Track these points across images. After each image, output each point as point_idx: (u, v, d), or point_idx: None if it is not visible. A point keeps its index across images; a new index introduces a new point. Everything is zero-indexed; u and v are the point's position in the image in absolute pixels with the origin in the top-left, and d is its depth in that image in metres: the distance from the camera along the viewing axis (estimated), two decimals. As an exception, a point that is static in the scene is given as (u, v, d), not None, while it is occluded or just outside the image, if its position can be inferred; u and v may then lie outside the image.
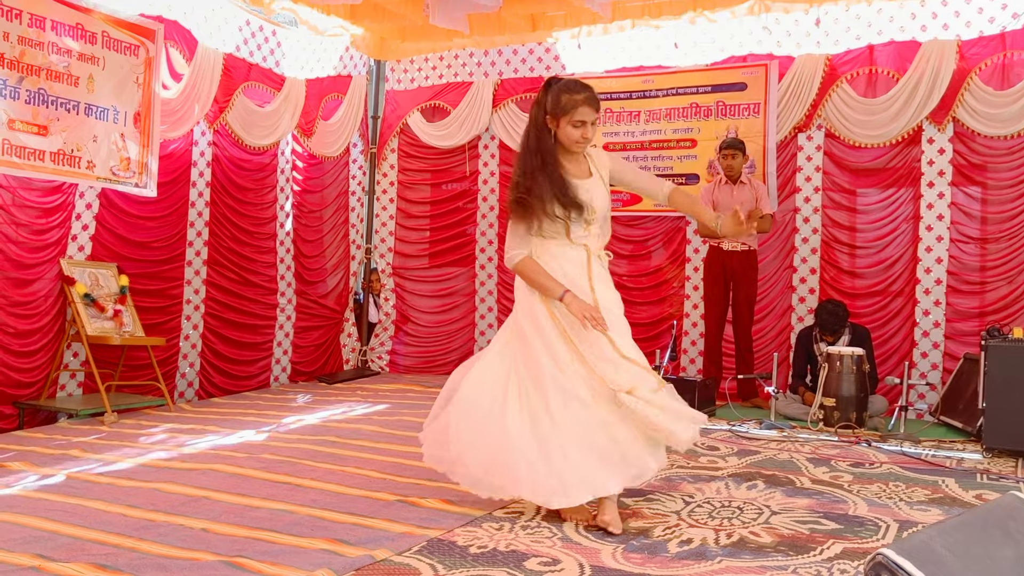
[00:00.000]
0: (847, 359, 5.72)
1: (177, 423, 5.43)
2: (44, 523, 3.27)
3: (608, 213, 3.64)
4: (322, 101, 7.58)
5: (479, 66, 8.04)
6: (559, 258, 3.53)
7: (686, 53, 7.25)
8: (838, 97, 6.70)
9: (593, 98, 3.56)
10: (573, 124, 3.50)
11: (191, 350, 6.58)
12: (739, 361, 6.67)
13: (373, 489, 3.89)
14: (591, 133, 3.55)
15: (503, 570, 2.84)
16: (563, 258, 3.54)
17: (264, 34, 7.06)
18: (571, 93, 3.51)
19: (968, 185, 6.44)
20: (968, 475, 4.41)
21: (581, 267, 3.54)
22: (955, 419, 5.70)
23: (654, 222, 7.45)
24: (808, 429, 5.69)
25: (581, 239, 3.54)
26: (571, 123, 3.49)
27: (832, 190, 6.82)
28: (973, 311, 6.35)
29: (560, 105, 3.49)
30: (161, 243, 6.31)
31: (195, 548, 3.01)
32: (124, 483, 3.93)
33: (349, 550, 3.00)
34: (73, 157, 5.50)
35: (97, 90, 5.65)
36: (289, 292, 7.47)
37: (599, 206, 3.55)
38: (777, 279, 6.99)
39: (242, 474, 4.13)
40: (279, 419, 5.66)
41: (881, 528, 3.40)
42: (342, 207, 8.03)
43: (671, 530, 3.34)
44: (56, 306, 5.58)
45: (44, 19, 5.31)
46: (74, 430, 5.15)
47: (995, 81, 6.25)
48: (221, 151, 6.73)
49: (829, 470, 4.46)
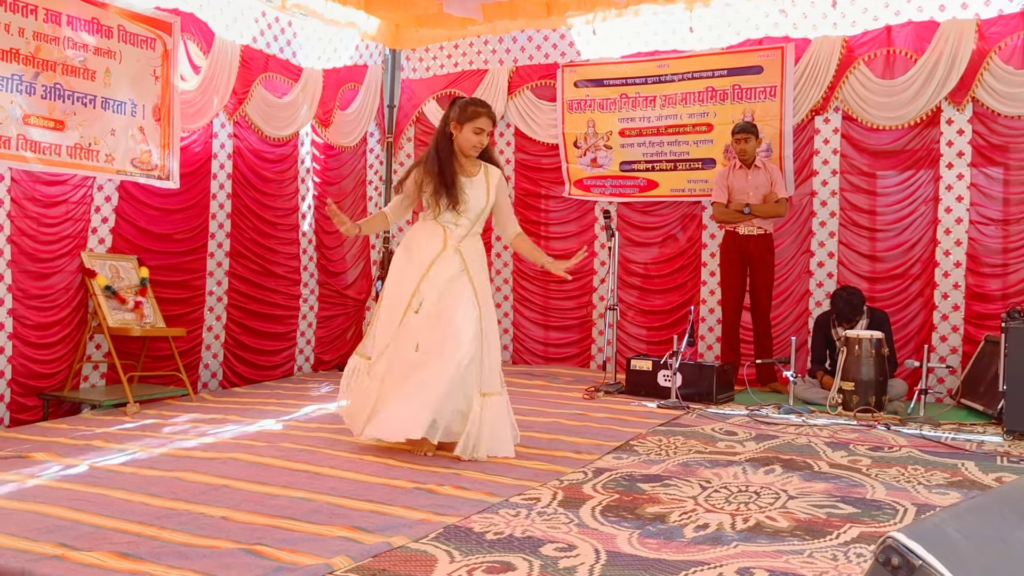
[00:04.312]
0: (866, 343, 5.69)
1: (199, 413, 5.48)
2: (67, 512, 3.31)
3: (482, 214, 4.40)
4: (339, 91, 7.59)
5: (494, 53, 8.02)
6: (420, 237, 4.38)
7: (701, 37, 7.20)
8: (855, 79, 6.63)
9: (492, 114, 4.37)
10: (474, 131, 4.28)
11: (214, 341, 6.63)
12: (757, 346, 6.65)
13: (390, 477, 3.91)
14: (485, 140, 4.33)
15: (519, 556, 2.85)
16: (423, 239, 4.37)
17: (280, 25, 7.07)
18: (476, 106, 4.32)
19: (988, 166, 6.36)
20: (988, 458, 4.38)
21: (430, 255, 4.30)
22: (976, 402, 5.67)
23: (670, 208, 7.43)
24: (827, 413, 5.67)
25: (449, 225, 4.32)
26: (473, 129, 4.28)
27: (850, 173, 6.77)
28: (995, 293, 6.29)
29: (466, 113, 4.28)
30: (182, 235, 6.35)
31: (215, 536, 3.05)
32: (146, 472, 3.97)
33: (366, 537, 3.03)
34: (91, 151, 5.55)
35: (114, 84, 5.68)
36: (312, 283, 7.51)
37: (472, 202, 4.33)
38: (795, 263, 6.96)
39: (262, 463, 4.17)
40: (299, 408, 5.70)
41: (899, 512, 3.39)
42: (360, 197, 8.06)
43: (687, 515, 3.35)
44: (77, 298, 5.64)
45: (60, 14, 5.35)
46: (97, 421, 5.21)
47: (1015, 60, 6.17)
48: (242, 142, 6.76)
49: (847, 454, 4.45)
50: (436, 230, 4.35)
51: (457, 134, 4.31)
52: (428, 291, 4.26)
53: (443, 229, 4.33)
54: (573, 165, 7.67)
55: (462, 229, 4.36)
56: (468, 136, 4.29)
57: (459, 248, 4.34)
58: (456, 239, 4.34)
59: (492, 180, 4.43)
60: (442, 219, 4.34)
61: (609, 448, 4.58)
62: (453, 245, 4.33)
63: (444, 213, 4.32)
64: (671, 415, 5.60)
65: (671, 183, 7.33)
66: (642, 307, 7.50)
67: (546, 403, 5.95)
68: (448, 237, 4.33)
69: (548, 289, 7.83)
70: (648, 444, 4.69)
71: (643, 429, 5.10)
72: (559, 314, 7.80)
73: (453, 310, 4.24)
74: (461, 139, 4.31)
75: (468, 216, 4.34)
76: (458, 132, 4.30)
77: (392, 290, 4.39)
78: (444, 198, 4.28)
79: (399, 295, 4.32)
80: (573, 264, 4.48)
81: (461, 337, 4.20)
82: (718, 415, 5.62)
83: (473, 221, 4.38)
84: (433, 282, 4.26)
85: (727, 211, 6.60)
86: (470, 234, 4.41)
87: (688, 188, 7.26)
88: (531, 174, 7.94)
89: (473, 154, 4.35)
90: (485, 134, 4.30)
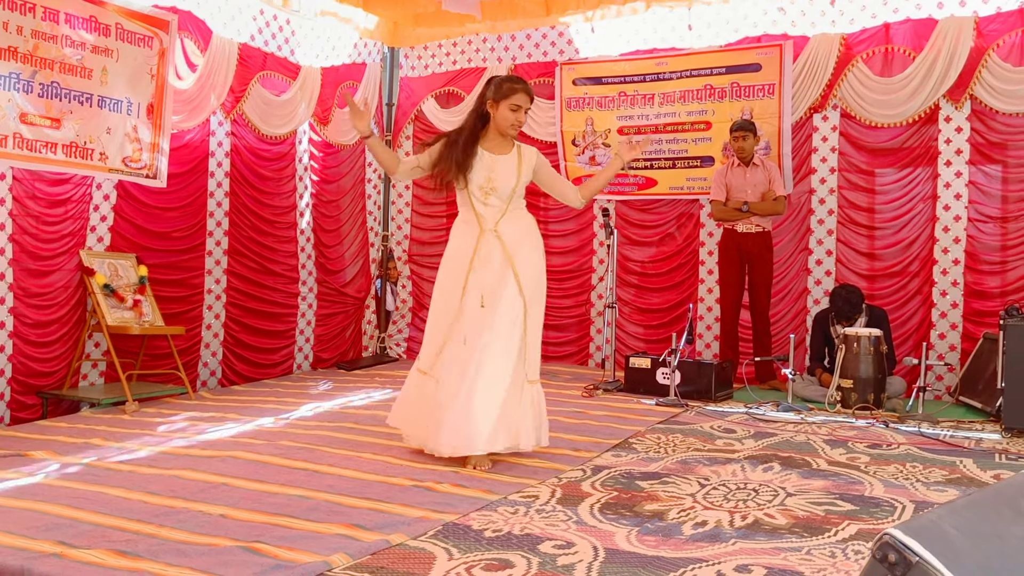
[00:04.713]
0: (864, 340, 5.69)
1: (197, 411, 5.48)
2: (66, 510, 3.32)
3: (514, 193, 4.24)
4: (337, 89, 7.58)
5: (492, 51, 8.02)
6: (459, 227, 4.30)
7: (700, 35, 7.20)
8: (854, 76, 6.63)
9: (529, 90, 4.25)
10: (511, 108, 4.16)
11: (213, 339, 6.63)
12: (756, 344, 6.65)
13: (389, 474, 3.92)
14: (523, 119, 4.24)
15: (518, 553, 2.86)
16: (462, 228, 4.29)
17: (278, 23, 7.07)
18: (512, 83, 4.21)
19: (987, 164, 6.36)
20: (987, 455, 4.39)
21: (470, 241, 4.21)
22: (974, 399, 5.67)
23: (667, 206, 7.43)
24: (825, 411, 5.67)
25: (479, 208, 4.20)
26: (509, 106, 4.16)
27: (848, 171, 6.77)
28: (993, 291, 6.29)
29: (502, 91, 4.17)
30: (180, 233, 6.34)
31: (214, 534, 3.05)
32: (144, 470, 3.98)
33: (365, 535, 3.03)
34: (86, 149, 5.54)
35: (111, 82, 5.68)
36: (311, 281, 7.51)
37: (500, 182, 4.20)
38: (793, 261, 6.96)
39: (260, 461, 4.17)
40: (298, 406, 5.70)
41: (897, 509, 3.39)
42: (359, 195, 8.05)
43: (686, 512, 3.35)
44: (76, 297, 5.64)
45: (58, 12, 5.34)
46: (96, 419, 5.21)
47: (1014, 58, 6.17)
48: (239, 141, 6.76)
49: (846, 452, 4.46)
50: (469, 217, 4.25)
51: (494, 113, 4.20)
52: (477, 284, 4.14)
53: (475, 215, 4.22)
54: (571, 163, 7.67)
55: (494, 210, 4.21)
56: (505, 114, 4.17)
57: (496, 230, 4.20)
58: (491, 221, 4.20)
59: (525, 159, 4.29)
60: (473, 202, 4.21)
61: (608, 446, 4.58)
62: (489, 228, 4.20)
63: (472, 195, 4.19)
64: (670, 413, 5.60)
65: (669, 181, 7.33)
66: (640, 305, 7.50)
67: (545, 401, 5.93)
68: (482, 220, 4.21)
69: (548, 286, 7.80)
70: (647, 442, 4.70)
71: (642, 427, 5.10)
72: (558, 312, 7.79)
73: (498, 303, 4.11)
74: (499, 117, 4.19)
75: (498, 195, 4.20)
76: (495, 110, 4.19)
77: (440, 290, 4.30)
78: (450, 169, 4.17)
79: (449, 294, 4.22)
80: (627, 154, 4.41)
81: (500, 330, 4.07)
82: (717, 413, 5.63)
83: (505, 200, 4.23)
84: (480, 274, 4.15)
85: (726, 209, 6.60)
86: (508, 213, 4.24)
87: (687, 186, 7.26)
88: (530, 172, 7.92)
89: (512, 133, 4.25)
90: (523, 111, 4.19)
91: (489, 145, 4.24)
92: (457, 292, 4.17)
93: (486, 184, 4.18)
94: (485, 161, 4.20)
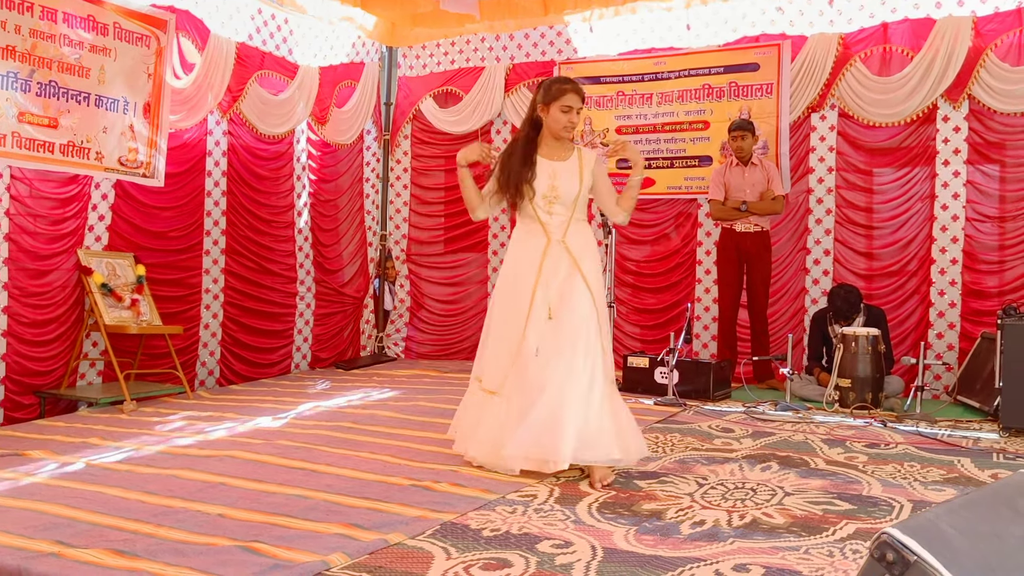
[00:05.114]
0: (862, 340, 5.70)
1: (195, 411, 5.48)
2: (63, 510, 3.31)
3: (577, 200, 4.05)
4: (335, 89, 7.59)
5: (491, 51, 8.02)
6: (523, 238, 4.09)
7: (698, 34, 7.20)
8: (852, 76, 6.64)
9: (579, 89, 4.03)
10: (561, 109, 3.97)
11: (211, 338, 6.63)
12: (754, 343, 6.66)
13: (387, 474, 3.92)
14: (576, 120, 4.02)
15: (516, 553, 2.86)
16: (525, 239, 4.08)
17: (276, 22, 7.06)
18: (560, 84, 4.01)
19: (984, 163, 6.37)
20: (984, 455, 4.39)
21: (536, 253, 4.01)
22: (972, 399, 5.68)
23: (665, 206, 7.43)
24: (823, 410, 5.68)
25: (543, 218, 4.01)
26: (560, 108, 3.97)
27: (846, 170, 6.78)
28: (991, 290, 6.30)
29: (551, 93, 3.98)
30: (178, 232, 6.34)
31: (212, 533, 3.05)
32: (142, 470, 3.97)
33: (363, 534, 3.03)
34: (82, 148, 5.54)
35: (108, 81, 5.68)
36: (308, 280, 7.51)
37: (563, 189, 4.01)
38: (791, 261, 6.96)
39: (259, 460, 4.17)
40: (296, 405, 5.70)
41: (895, 508, 3.40)
42: (357, 195, 8.05)
43: (684, 512, 3.35)
44: (73, 296, 5.63)
45: (55, 11, 5.34)
46: (94, 418, 5.20)
47: (1011, 57, 6.17)
48: (236, 140, 6.76)
49: (844, 451, 4.46)
50: (534, 228, 4.05)
51: (545, 117, 4.02)
52: (545, 297, 3.95)
53: (541, 225, 4.02)
54: (570, 162, 7.66)
55: (559, 218, 4.03)
56: (557, 116, 3.98)
57: (564, 241, 4.02)
58: (558, 231, 4.01)
59: (586, 163, 4.09)
60: (537, 212, 4.02)
61: (606, 445, 4.57)
62: (557, 238, 4.01)
63: (536, 205, 4.01)
64: (668, 412, 5.60)
65: (668, 180, 7.33)
66: (638, 304, 7.50)
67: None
68: (549, 231, 4.02)
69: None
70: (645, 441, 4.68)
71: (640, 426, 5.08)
72: (556, 312, 7.79)
73: (570, 312, 3.92)
74: (550, 121, 4.01)
75: (562, 203, 4.02)
76: (546, 114, 4.01)
77: (504, 303, 4.08)
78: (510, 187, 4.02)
79: (514, 308, 4.00)
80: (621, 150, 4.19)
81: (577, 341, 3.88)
82: (715, 412, 5.63)
83: (569, 208, 4.04)
84: (547, 286, 3.96)
85: (724, 208, 6.60)
86: (572, 222, 4.05)
87: (685, 186, 7.27)
88: (528, 171, 7.92)
89: (565, 135, 4.05)
90: (574, 111, 3.99)
91: (547, 152, 4.06)
92: (524, 305, 3.96)
93: (549, 193, 4.00)
94: (546, 169, 4.03)
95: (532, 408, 3.79)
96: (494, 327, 4.11)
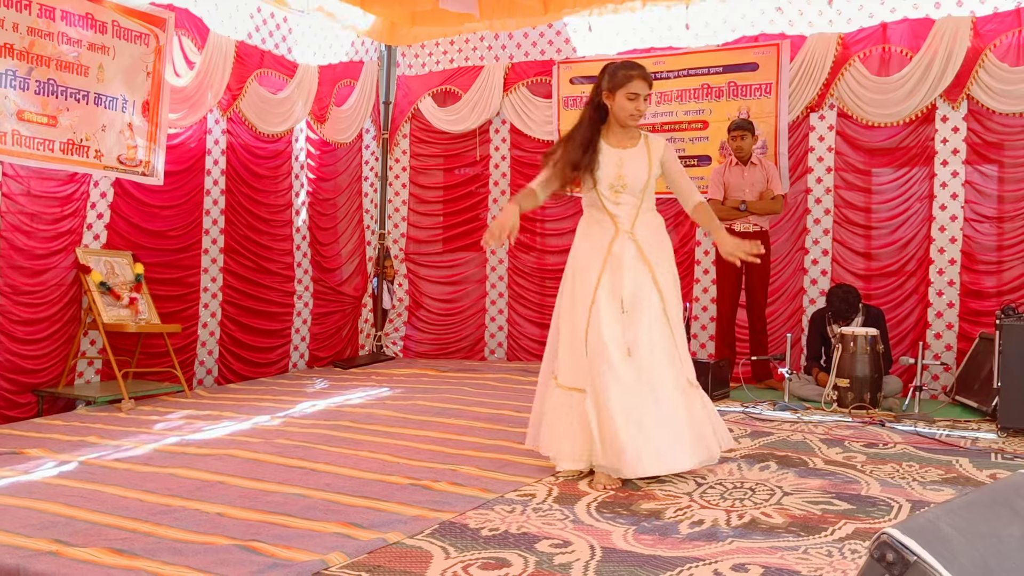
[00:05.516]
0: (861, 340, 5.70)
1: (194, 409, 5.48)
2: (62, 508, 3.31)
3: (646, 189, 3.95)
4: (335, 87, 7.58)
5: (490, 50, 8.01)
6: (589, 230, 3.97)
7: (697, 34, 7.20)
8: (851, 76, 6.64)
9: (647, 75, 3.91)
10: (628, 96, 3.84)
11: (209, 337, 6.63)
12: (753, 343, 6.66)
13: (386, 473, 3.92)
14: (644, 107, 3.89)
15: (514, 552, 2.86)
16: (591, 230, 3.96)
17: (276, 21, 7.06)
18: (627, 69, 3.88)
19: (983, 163, 6.38)
20: (983, 455, 4.39)
21: (603, 245, 3.89)
22: (970, 399, 5.68)
23: (664, 205, 7.40)
24: (822, 410, 5.68)
25: (610, 208, 3.90)
26: (626, 95, 3.84)
27: (845, 170, 6.78)
28: (989, 290, 6.30)
29: (617, 79, 3.85)
30: (177, 231, 6.34)
31: (210, 532, 3.04)
32: (140, 468, 3.97)
33: (362, 533, 3.03)
34: (82, 147, 5.53)
35: (107, 80, 5.67)
36: (306, 279, 7.50)
37: (631, 177, 3.89)
38: (789, 260, 6.96)
39: (257, 459, 4.17)
40: (294, 404, 5.70)
41: (893, 508, 3.40)
42: (356, 194, 8.05)
43: (682, 511, 3.35)
44: (69, 294, 5.62)
45: (54, 9, 5.33)
46: (92, 417, 5.20)
47: (1010, 58, 6.18)
48: (235, 139, 6.75)
49: (842, 451, 4.46)
50: (601, 217, 3.93)
51: (611, 104, 3.88)
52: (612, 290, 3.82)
53: (608, 215, 3.91)
54: (569, 162, 7.65)
55: (628, 208, 3.90)
56: (623, 104, 3.85)
57: (632, 232, 3.88)
58: (627, 222, 3.89)
59: (654, 151, 3.95)
60: (604, 201, 3.90)
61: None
62: (625, 230, 3.88)
63: (602, 195, 3.89)
64: (666, 412, 5.58)
65: (667, 180, 7.32)
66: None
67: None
68: (617, 221, 3.90)
69: (543, 286, 7.82)
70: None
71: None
72: (554, 311, 7.80)
73: (641, 308, 3.81)
74: (616, 108, 3.87)
75: (630, 192, 3.90)
76: (611, 101, 3.88)
77: (571, 296, 3.94)
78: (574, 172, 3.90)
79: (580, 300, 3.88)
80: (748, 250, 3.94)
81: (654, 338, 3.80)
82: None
83: (638, 198, 3.92)
84: (613, 278, 3.83)
85: (723, 208, 6.60)
86: (641, 212, 3.94)
87: (684, 185, 7.25)
88: (527, 171, 7.92)
89: (632, 123, 3.90)
90: (641, 99, 3.85)
91: (613, 140, 3.94)
92: (587, 298, 3.84)
93: (616, 182, 3.87)
94: (612, 157, 3.90)
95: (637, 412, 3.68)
96: (562, 321, 3.99)
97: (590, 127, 3.93)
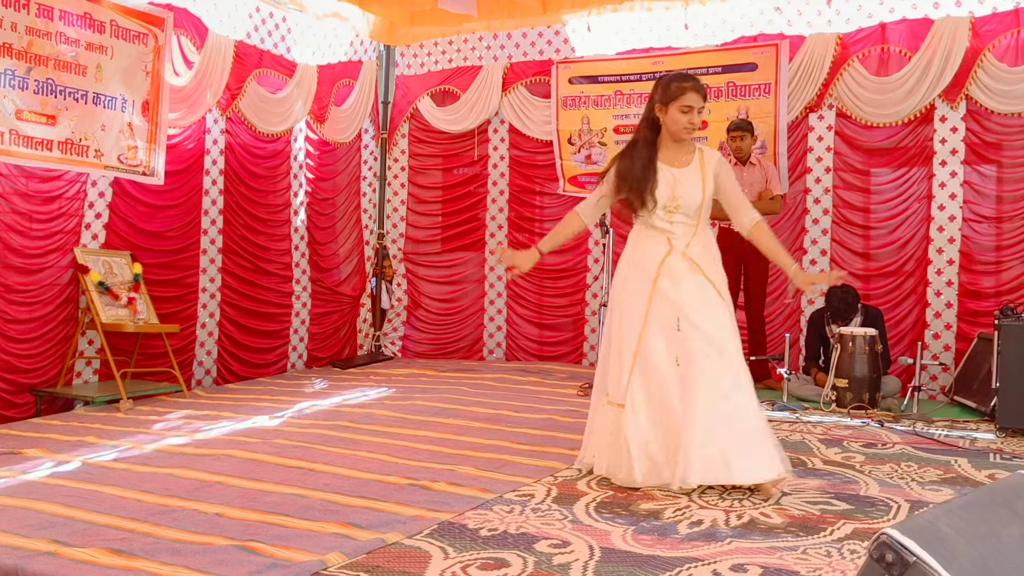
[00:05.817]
0: (859, 340, 5.70)
1: (192, 409, 5.47)
2: (60, 509, 3.31)
3: (701, 208, 3.77)
4: (334, 87, 7.58)
5: (488, 50, 8.01)
6: (642, 243, 3.82)
7: (696, 34, 7.20)
8: (849, 76, 6.64)
9: (700, 87, 3.78)
10: (681, 109, 3.72)
11: (208, 338, 6.62)
12: (751, 343, 6.64)
13: (385, 473, 3.91)
14: (698, 120, 3.77)
15: (513, 552, 2.85)
16: (644, 245, 3.81)
17: (275, 20, 7.05)
18: (680, 81, 3.76)
19: (982, 164, 6.38)
20: (981, 455, 4.39)
21: (655, 259, 3.75)
22: (969, 399, 5.68)
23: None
24: (820, 410, 5.68)
25: (664, 227, 3.75)
26: (679, 108, 3.72)
27: (843, 170, 6.78)
28: (988, 290, 6.30)
29: (669, 92, 3.74)
30: (175, 232, 6.33)
31: (209, 532, 3.04)
32: (139, 469, 3.97)
33: (361, 533, 3.03)
34: (81, 146, 5.53)
35: (106, 79, 5.66)
36: (304, 279, 7.49)
37: (684, 198, 3.74)
38: (789, 260, 6.95)
39: (255, 459, 4.16)
40: (293, 404, 5.69)
41: (892, 508, 3.40)
42: (354, 193, 8.04)
43: (681, 511, 3.35)
44: (65, 294, 5.61)
45: (52, 9, 5.32)
46: (90, 417, 5.19)
47: (1009, 58, 6.18)
48: (234, 138, 6.74)
49: (841, 451, 4.46)
50: (655, 234, 3.78)
51: (663, 117, 3.76)
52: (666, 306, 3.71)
53: (665, 235, 3.76)
54: (567, 162, 7.67)
55: (683, 227, 3.76)
56: (676, 117, 3.72)
57: (687, 252, 3.75)
58: (682, 241, 3.75)
59: (708, 167, 3.80)
60: (656, 221, 3.76)
61: (603, 445, 4.57)
62: (679, 249, 3.75)
63: (656, 216, 3.75)
64: (665, 412, 5.59)
65: (665, 180, 7.31)
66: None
67: (540, 400, 5.95)
68: (672, 239, 3.76)
69: (542, 287, 7.83)
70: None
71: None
72: (552, 311, 7.80)
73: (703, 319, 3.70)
74: (669, 122, 3.74)
75: (685, 212, 3.75)
76: (664, 115, 3.75)
77: (622, 310, 3.83)
78: (630, 197, 3.77)
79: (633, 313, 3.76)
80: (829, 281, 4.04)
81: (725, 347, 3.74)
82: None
83: (693, 217, 3.77)
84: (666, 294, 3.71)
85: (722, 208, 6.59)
86: (698, 231, 3.80)
87: (682, 185, 7.25)
88: (525, 171, 7.93)
89: (686, 136, 3.78)
90: (695, 111, 3.73)
91: (667, 156, 3.79)
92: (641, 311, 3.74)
93: (670, 203, 3.72)
94: (666, 177, 3.74)
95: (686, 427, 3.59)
96: (612, 336, 3.87)
97: (646, 147, 3.79)
